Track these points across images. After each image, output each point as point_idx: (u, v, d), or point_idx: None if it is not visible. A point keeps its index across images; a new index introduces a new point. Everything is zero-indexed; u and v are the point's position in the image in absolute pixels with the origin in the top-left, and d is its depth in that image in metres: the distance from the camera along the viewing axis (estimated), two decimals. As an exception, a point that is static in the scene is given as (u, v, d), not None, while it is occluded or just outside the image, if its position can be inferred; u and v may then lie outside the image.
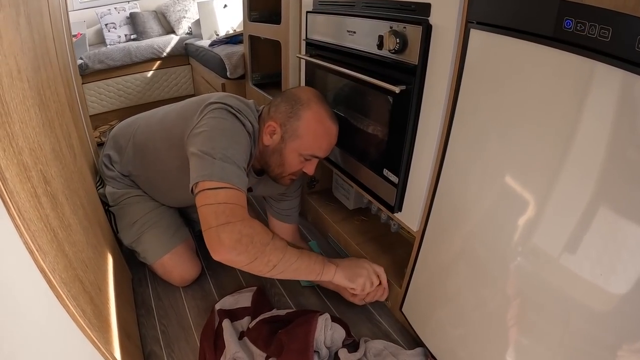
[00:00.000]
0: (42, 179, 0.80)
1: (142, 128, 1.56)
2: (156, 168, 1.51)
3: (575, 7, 0.66)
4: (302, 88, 1.41)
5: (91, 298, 0.92)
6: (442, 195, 1.08)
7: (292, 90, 1.38)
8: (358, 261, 1.35)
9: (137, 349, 1.28)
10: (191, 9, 4.10)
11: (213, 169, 1.08)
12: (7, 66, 0.74)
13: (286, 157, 1.33)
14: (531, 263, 0.84)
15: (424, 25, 1.00)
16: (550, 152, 0.75)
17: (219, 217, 1.05)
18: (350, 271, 1.30)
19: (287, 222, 1.67)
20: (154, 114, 1.59)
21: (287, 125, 1.30)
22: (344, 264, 1.31)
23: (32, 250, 0.59)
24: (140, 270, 1.71)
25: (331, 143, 1.35)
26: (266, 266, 1.10)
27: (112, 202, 1.62)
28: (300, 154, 1.31)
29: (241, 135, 1.22)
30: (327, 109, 1.32)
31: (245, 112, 1.28)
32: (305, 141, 1.30)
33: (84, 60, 3.27)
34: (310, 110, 1.29)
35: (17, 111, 0.74)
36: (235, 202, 1.08)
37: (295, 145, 1.30)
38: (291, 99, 1.32)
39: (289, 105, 1.31)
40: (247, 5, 2.34)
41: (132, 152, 1.58)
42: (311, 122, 1.29)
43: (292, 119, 1.29)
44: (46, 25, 1.29)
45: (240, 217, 1.07)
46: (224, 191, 1.07)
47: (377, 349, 1.29)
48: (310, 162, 1.36)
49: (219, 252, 1.04)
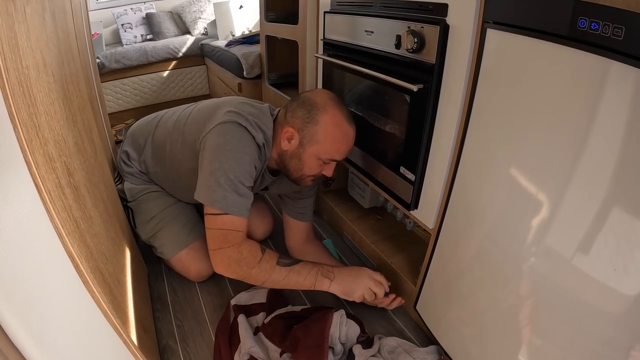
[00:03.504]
0: (66, 171, 0.81)
1: (160, 128, 1.58)
2: (172, 167, 1.53)
3: (589, 6, 0.66)
4: (318, 91, 1.39)
5: (110, 289, 0.93)
6: (458, 193, 1.08)
7: (307, 94, 1.36)
8: (358, 273, 1.34)
9: (152, 343, 1.30)
10: (207, 10, 4.12)
11: (215, 197, 1.21)
12: (34, 59, 0.76)
13: (305, 162, 1.33)
14: (544, 263, 0.84)
15: (441, 25, 1.01)
16: (565, 152, 0.75)
17: (215, 241, 1.24)
18: (346, 285, 1.31)
19: (302, 220, 1.67)
20: (171, 114, 1.59)
21: (305, 131, 1.30)
22: (341, 276, 1.31)
23: (61, 235, 0.60)
24: (156, 266, 1.73)
25: (349, 145, 1.34)
26: (256, 282, 1.27)
27: (130, 198, 1.64)
28: (319, 158, 1.32)
29: (248, 153, 1.25)
30: (344, 112, 1.30)
31: (258, 121, 1.30)
32: (324, 146, 1.30)
33: (101, 59, 3.31)
34: (327, 114, 1.28)
35: (43, 103, 0.76)
36: (231, 228, 1.23)
37: (314, 150, 1.30)
38: (307, 103, 1.31)
39: (305, 110, 1.30)
40: (264, 5, 2.35)
41: (150, 150, 1.60)
42: (329, 126, 1.28)
43: (309, 124, 1.29)
44: (69, 22, 1.31)
45: (232, 242, 1.23)
46: (222, 218, 1.23)
47: (391, 346, 1.29)
48: (329, 165, 1.36)
49: (216, 270, 1.28)
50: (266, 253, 1.27)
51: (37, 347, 0.48)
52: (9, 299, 0.44)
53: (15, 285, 0.47)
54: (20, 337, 0.46)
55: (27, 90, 0.66)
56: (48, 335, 0.52)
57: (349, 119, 1.31)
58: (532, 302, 0.90)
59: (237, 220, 1.24)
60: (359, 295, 1.32)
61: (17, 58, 0.64)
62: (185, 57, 3.71)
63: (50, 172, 0.68)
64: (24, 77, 0.65)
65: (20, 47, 0.67)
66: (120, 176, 1.70)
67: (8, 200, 0.48)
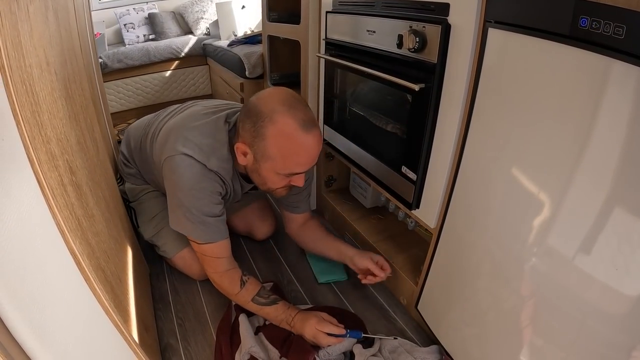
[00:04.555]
0: (68, 169, 0.82)
1: (144, 137, 1.54)
2: (154, 175, 1.52)
3: (590, 5, 0.66)
4: (266, 94, 1.19)
5: (112, 287, 0.93)
6: (460, 193, 1.08)
7: (254, 100, 1.19)
8: (304, 325, 1.27)
9: (154, 341, 1.30)
10: (209, 10, 4.13)
11: (186, 229, 1.29)
12: (37, 58, 0.76)
13: (266, 177, 1.23)
14: (546, 263, 0.84)
15: (443, 25, 1.01)
16: (567, 151, 0.75)
17: (202, 263, 1.37)
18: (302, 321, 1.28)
19: (296, 213, 1.63)
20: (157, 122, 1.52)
21: (255, 146, 1.17)
22: (296, 326, 1.29)
23: (63, 232, 0.61)
24: (158, 265, 1.73)
25: (311, 155, 1.18)
26: None
27: (132, 198, 1.65)
28: (278, 173, 1.20)
29: (203, 186, 1.24)
30: (297, 117, 1.12)
31: (209, 143, 1.24)
32: (278, 162, 1.17)
33: (104, 59, 3.31)
34: (275, 125, 1.12)
35: (46, 102, 0.76)
36: (212, 255, 1.32)
37: (269, 167, 1.19)
38: (253, 113, 1.16)
39: (251, 122, 1.16)
40: (266, 5, 2.36)
41: (138, 154, 1.60)
42: (278, 140, 1.13)
43: (257, 139, 1.16)
44: (72, 21, 1.32)
45: (215, 269, 1.35)
46: (201, 247, 1.31)
47: (392, 346, 1.29)
48: (297, 176, 1.24)
49: None
50: (244, 288, 1.32)
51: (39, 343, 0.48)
52: (11, 295, 0.45)
53: (17, 281, 0.47)
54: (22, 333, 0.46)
55: (30, 89, 0.66)
56: (50, 331, 0.52)
57: (306, 124, 1.13)
58: (533, 302, 0.90)
59: (215, 246, 1.29)
60: (308, 335, 1.27)
61: (20, 56, 0.64)
62: (188, 57, 3.72)
63: (52, 169, 0.68)
64: (26, 75, 0.65)
65: (24, 45, 0.67)
66: (120, 176, 1.71)
67: (11, 197, 0.48)
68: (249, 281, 1.33)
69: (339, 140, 1.68)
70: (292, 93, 1.19)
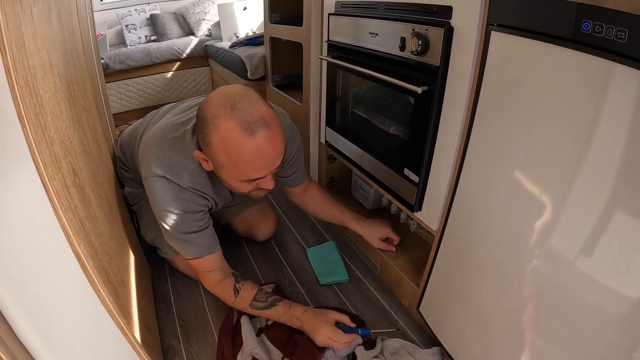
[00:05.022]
0: (72, 171, 0.82)
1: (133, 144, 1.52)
2: None
3: (593, 9, 0.66)
4: (209, 98, 1.10)
5: (115, 289, 0.94)
6: (462, 195, 1.08)
7: (201, 105, 1.11)
8: (317, 325, 1.26)
9: (156, 343, 1.30)
10: (211, 11, 4.14)
11: (172, 244, 1.29)
12: (41, 59, 0.77)
13: (229, 185, 1.19)
14: (548, 265, 0.84)
15: (445, 28, 1.01)
16: (568, 154, 0.75)
17: (196, 273, 1.38)
18: (310, 331, 1.26)
19: (294, 186, 1.62)
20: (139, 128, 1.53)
21: (208, 155, 1.12)
22: (306, 324, 1.28)
23: (68, 234, 0.61)
24: (159, 266, 1.73)
25: (264, 159, 1.08)
26: None
27: (132, 202, 1.66)
28: (237, 180, 1.14)
29: (180, 205, 1.21)
30: (239, 120, 1.02)
31: (179, 163, 1.19)
32: (232, 169, 1.10)
33: (105, 60, 3.32)
34: (218, 132, 1.04)
35: (49, 104, 0.76)
36: (202, 270, 1.33)
37: (226, 174, 1.14)
38: (200, 119, 1.09)
39: (200, 129, 1.10)
40: (268, 7, 2.36)
41: (131, 162, 1.58)
42: (223, 147, 1.06)
43: (206, 148, 1.10)
44: (74, 23, 1.32)
45: (207, 282, 1.35)
46: (191, 262, 1.31)
47: (394, 348, 1.29)
48: (263, 179, 1.15)
49: None
50: (239, 296, 1.32)
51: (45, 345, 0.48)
52: (17, 297, 0.45)
53: (23, 283, 0.47)
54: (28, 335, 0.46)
55: (34, 91, 0.66)
56: (56, 334, 0.53)
57: (251, 126, 1.03)
58: (535, 304, 0.90)
59: (202, 261, 1.29)
60: (320, 342, 1.25)
61: (24, 58, 0.64)
62: (189, 58, 3.73)
63: (56, 171, 0.68)
64: (30, 77, 0.65)
65: (27, 47, 0.67)
66: (119, 180, 1.70)
67: (17, 199, 0.49)
68: (242, 288, 1.32)
69: (341, 142, 1.68)
70: (239, 90, 1.08)
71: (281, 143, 1.11)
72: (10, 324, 0.44)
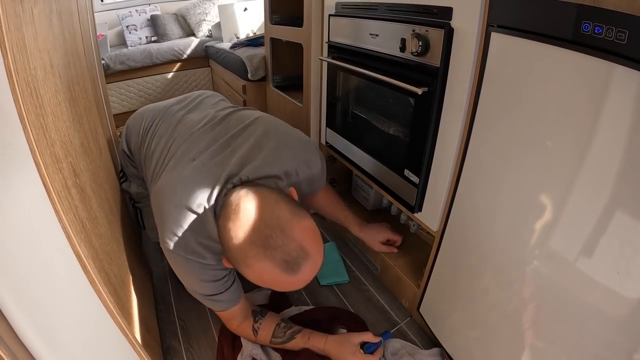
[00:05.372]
0: (72, 172, 0.82)
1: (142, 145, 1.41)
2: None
3: (593, 10, 0.67)
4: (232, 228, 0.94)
5: (115, 290, 0.94)
6: (462, 196, 1.08)
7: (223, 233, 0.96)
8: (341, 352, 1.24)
9: (156, 343, 1.30)
10: (211, 12, 4.14)
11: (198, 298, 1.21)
12: (42, 61, 0.77)
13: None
14: (548, 266, 0.84)
15: (446, 29, 1.01)
16: (569, 155, 0.75)
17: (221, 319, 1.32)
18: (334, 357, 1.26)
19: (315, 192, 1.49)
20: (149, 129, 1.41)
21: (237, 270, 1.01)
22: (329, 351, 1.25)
23: (69, 235, 0.61)
24: (159, 266, 1.73)
25: (305, 282, 0.98)
26: None
27: (137, 199, 1.62)
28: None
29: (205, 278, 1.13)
30: (275, 259, 0.90)
31: (199, 246, 1.07)
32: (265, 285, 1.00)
33: (106, 60, 3.32)
34: (252, 270, 0.94)
35: (50, 104, 0.76)
36: (224, 318, 1.30)
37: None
38: (227, 251, 0.97)
39: (227, 257, 1.00)
40: (268, 8, 2.36)
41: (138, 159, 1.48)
42: (260, 280, 0.96)
43: (237, 269, 0.99)
44: (75, 24, 1.32)
45: (229, 325, 1.31)
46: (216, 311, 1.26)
47: (394, 348, 1.29)
48: None
49: None
50: (259, 335, 1.28)
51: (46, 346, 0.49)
52: (18, 298, 0.45)
53: (24, 283, 0.47)
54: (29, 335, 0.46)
55: (35, 92, 0.67)
56: (56, 334, 0.53)
57: (291, 265, 0.91)
58: (535, 305, 0.90)
59: (229, 312, 1.24)
60: None
61: (25, 59, 0.64)
62: (190, 59, 3.73)
63: (57, 172, 0.69)
64: (31, 78, 0.66)
65: (28, 48, 0.68)
66: (125, 174, 1.63)
67: (18, 201, 0.49)
68: (261, 327, 1.28)
69: (341, 143, 1.69)
70: (267, 219, 0.93)
71: (321, 260, 1.00)
72: (11, 324, 0.45)
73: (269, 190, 1.01)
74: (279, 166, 1.15)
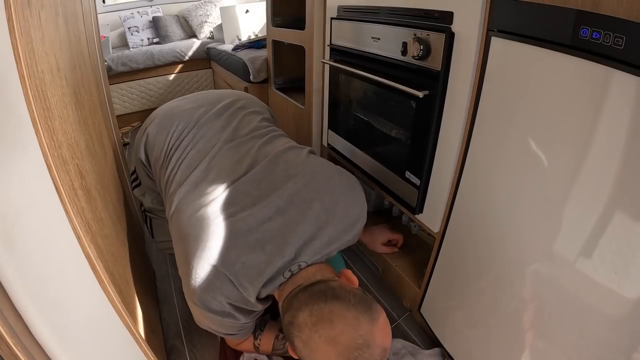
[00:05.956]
0: (78, 173, 0.83)
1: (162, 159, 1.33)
2: None
3: (591, 16, 0.68)
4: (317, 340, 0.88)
5: (120, 290, 0.94)
6: (463, 197, 1.09)
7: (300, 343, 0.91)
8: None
9: (160, 343, 1.31)
10: (213, 14, 4.15)
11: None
12: (49, 64, 0.78)
13: None
14: (547, 267, 0.85)
15: (446, 33, 1.02)
16: (568, 157, 0.76)
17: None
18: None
19: None
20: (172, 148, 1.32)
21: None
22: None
23: (79, 236, 0.62)
24: (163, 267, 1.74)
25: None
26: None
27: (148, 209, 1.54)
28: None
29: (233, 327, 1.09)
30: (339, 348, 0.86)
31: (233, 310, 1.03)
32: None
33: (108, 62, 3.33)
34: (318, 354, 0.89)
35: (57, 107, 0.77)
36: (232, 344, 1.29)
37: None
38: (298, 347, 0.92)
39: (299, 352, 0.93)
40: (270, 10, 2.37)
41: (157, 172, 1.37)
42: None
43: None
44: (80, 26, 1.33)
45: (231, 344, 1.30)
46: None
47: (396, 348, 1.30)
48: None
49: None
50: (260, 349, 1.27)
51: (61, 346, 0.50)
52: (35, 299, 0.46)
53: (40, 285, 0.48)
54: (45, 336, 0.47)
55: (43, 95, 0.68)
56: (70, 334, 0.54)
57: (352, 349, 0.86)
58: (535, 306, 0.91)
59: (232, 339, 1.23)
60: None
61: (33, 63, 0.65)
62: (192, 61, 3.73)
63: (64, 174, 0.70)
64: (39, 81, 0.67)
65: (36, 52, 0.69)
66: (138, 178, 1.53)
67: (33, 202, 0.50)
68: (261, 344, 1.26)
69: (343, 144, 1.70)
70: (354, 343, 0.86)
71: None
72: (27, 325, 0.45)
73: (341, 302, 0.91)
74: (335, 246, 1.12)
